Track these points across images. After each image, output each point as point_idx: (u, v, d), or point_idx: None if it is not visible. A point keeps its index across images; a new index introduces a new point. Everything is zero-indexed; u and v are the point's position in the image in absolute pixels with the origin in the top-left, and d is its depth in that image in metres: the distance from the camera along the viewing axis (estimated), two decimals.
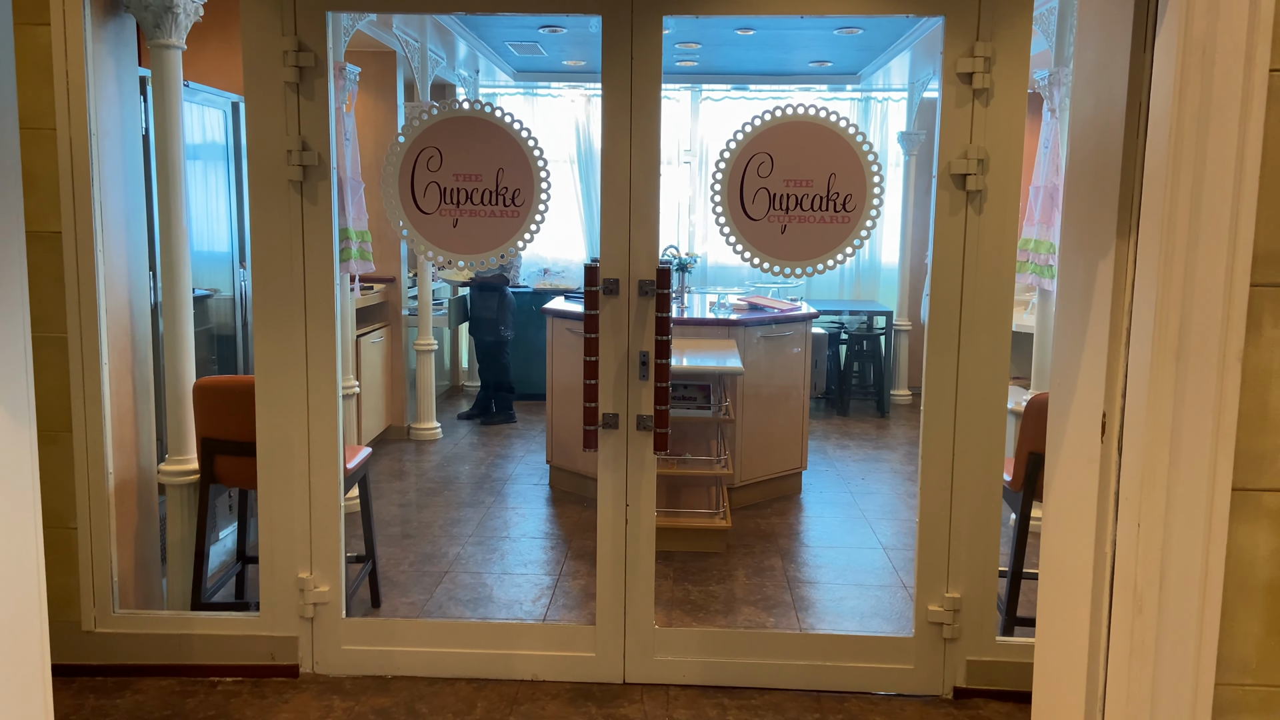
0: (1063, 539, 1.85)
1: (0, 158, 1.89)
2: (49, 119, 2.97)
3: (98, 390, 3.06)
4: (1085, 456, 1.74)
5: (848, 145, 2.99)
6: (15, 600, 1.92)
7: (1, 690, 1.87)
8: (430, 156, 3.08)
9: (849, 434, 6.77)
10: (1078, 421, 1.78)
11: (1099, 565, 1.71)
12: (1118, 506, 1.65)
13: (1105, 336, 1.68)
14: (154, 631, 3.16)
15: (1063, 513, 1.85)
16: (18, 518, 1.94)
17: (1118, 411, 1.66)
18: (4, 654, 1.88)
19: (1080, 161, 1.82)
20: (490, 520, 4.81)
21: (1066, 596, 1.82)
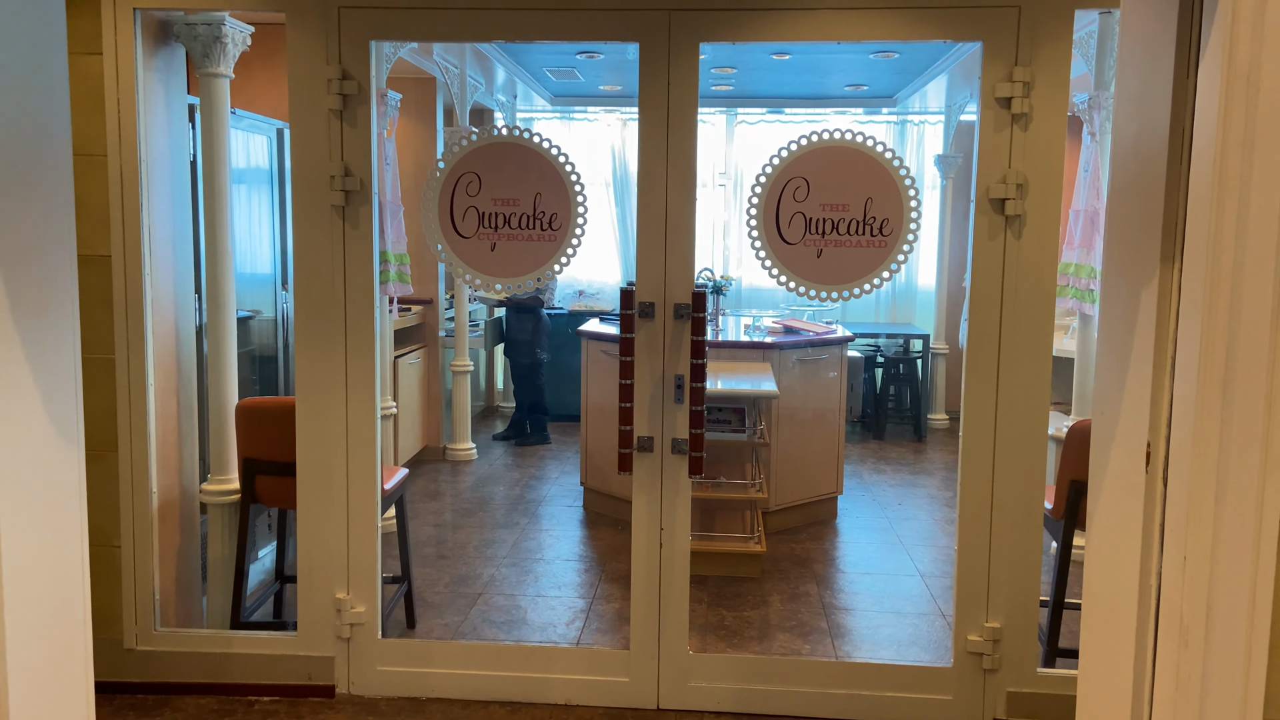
0: (1106, 570, 1.82)
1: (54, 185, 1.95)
2: (100, 146, 3.05)
3: (143, 410, 3.12)
4: (1129, 486, 1.72)
5: (884, 169, 2.98)
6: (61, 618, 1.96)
7: (46, 707, 1.90)
8: (469, 181, 3.11)
9: (885, 458, 6.71)
10: (1121, 451, 1.76)
11: (1144, 597, 1.67)
12: (1163, 538, 1.62)
13: (1149, 364, 1.66)
14: (194, 650, 3.20)
15: (1106, 544, 1.82)
16: (65, 536, 1.98)
17: (1162, 441, 1.64)
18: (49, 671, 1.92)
19: (1123, 188, 1.80)
20: (524, 542, 4.82)
21: (1110, 629, 1.79)
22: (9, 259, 1.80)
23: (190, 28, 3.29)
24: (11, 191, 1.81)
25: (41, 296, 1.90)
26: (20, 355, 1.83)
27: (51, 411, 1.91)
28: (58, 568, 1.96)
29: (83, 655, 2.02)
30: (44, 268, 1.92)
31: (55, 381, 1.93)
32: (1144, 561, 1.67)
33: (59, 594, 1.95)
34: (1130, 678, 1.70)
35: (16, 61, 1.82)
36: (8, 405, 1.79)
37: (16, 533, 1.80)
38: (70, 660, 1.98)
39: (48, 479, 1.91)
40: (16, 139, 1.82)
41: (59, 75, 1.96)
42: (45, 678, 1.90)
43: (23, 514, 1.82)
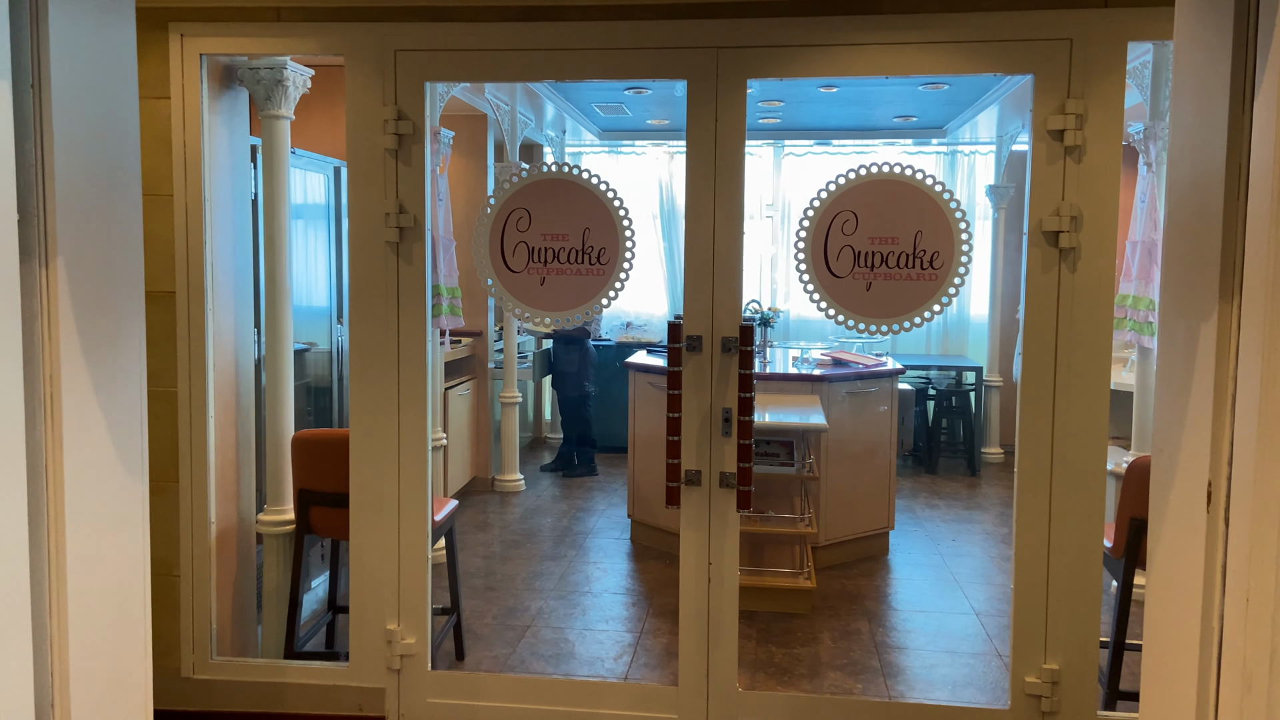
0: (1167, 612, 1.77)
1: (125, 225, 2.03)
2: (167, 186, 3.16)
3: (204, 442, 3.20)
4: (1190, 527, 1.68)
5: (934, 202, 2.97)
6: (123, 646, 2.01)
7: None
8: (519, 217, 3.17)
9: (938, 493, 6.60)
10: (1181, 490, 1.72)
11: (1206, 640, 1.63)
12: (1225, 580, 1.58)
13: (1209, 403, 1.63)
14: (248, 679, 3.24)
15: (1167, 585, 1.78)
16: (128, 566, 2.03)
17: (1223, 481, 1.60)
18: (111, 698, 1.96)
19: (1179, 223, 1.78)
20: (572, 574, 4.82)
21: (1172, 672, 1.74)
22: (82, 296, 1.87)
23: (253, 72, 3.40)
24: (85, 231, 1.88)
25: (111, 332, 1.97)
26: (90, 389, 1.89)
27: (118, 444, 1.97)
28: (121, 597, 2.01)
29: (143, 683, 2.06)
30: (114, 304, 1.99)
31: (122, 415, 2.00)
32: (1205, 604, 1.63)
33: (121, 623, 2.00)
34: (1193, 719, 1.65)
35: (92, 107, 1.90)
36: (77, 438, 1.85)
37: (82, 562, 1.86)
38: (131, 688, 2.02)
39: (113, 510, 1.97)
40: (91, 181, 1.90)
41: (130, 119, 2.04)
42: (107, 705, 1.94)
43: (88, 544, 1.88)
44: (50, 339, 1.82)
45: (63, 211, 1.82)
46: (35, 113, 1.77)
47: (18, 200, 1.72)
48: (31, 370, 1.79)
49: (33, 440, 1.79)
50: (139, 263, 2.09)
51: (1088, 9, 2.82)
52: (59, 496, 1.82)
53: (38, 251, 1.79)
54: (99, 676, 1.91)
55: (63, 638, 1.82)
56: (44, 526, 1.81)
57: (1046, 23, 2.84)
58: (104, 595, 1.94)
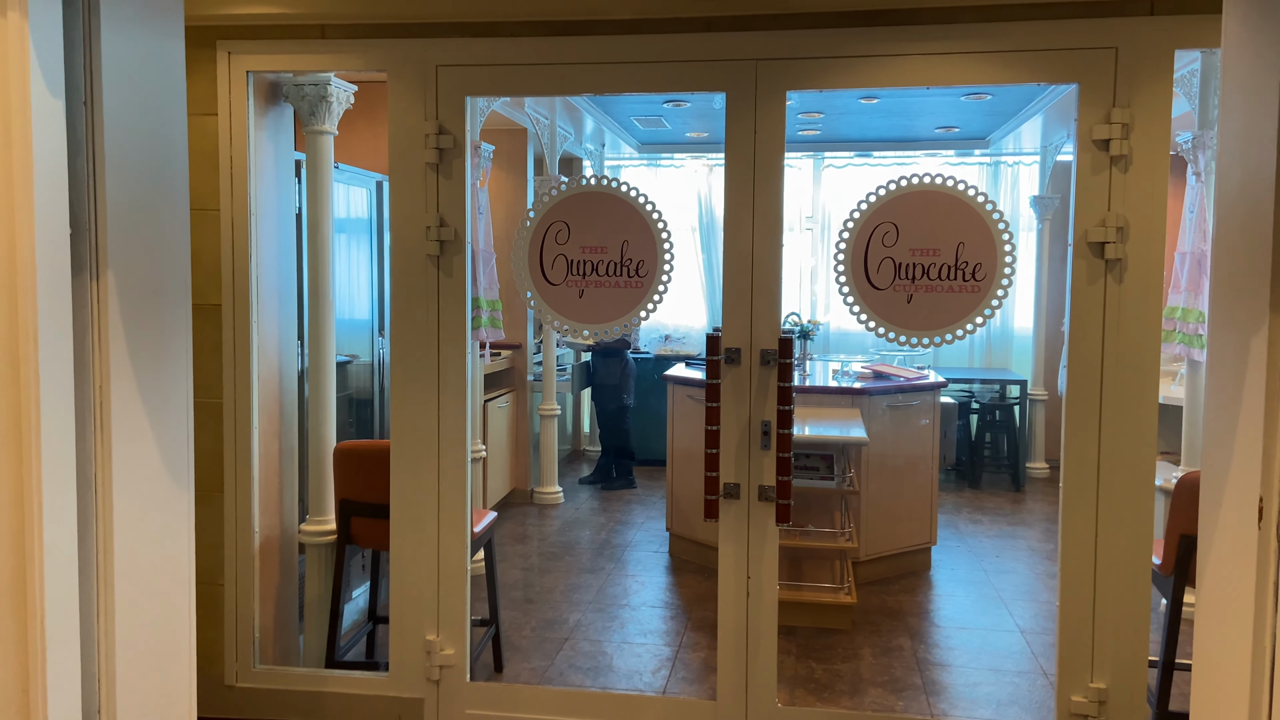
0: (1218, 630, 1.73)
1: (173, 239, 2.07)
2: (214, 201, 3.22)
3: (248, 453, 3.25)
4: (1241, 543, 1.64)
5: (976, 214, 2.94)
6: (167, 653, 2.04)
7: None
8: (559, 230, 3.18)
9: (981, 508, 6.51)
10: (1232, 506, 1.68)
11: (1258, 660, 1.58)
12: (1278, 598, 1.53)
13: (1260, 416, 1.58)
14: (290, 688, 3.28)
15: (1218, 603, 1.73)
16: (174, 575, 2.07)
17: (1276, 496, 1.56)
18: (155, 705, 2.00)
19: (1228, 233, 1.74)
20: (610, 587, 4.81)
21: (1223, 692, 1.69)
22: (131, 308, 1.91)
23: (298, 88, 3.47)
24: (135, 244, 1.93)
25: (159, 344, 2.02)
26: (138, 399, 1.93)
27: (165, 454, 2.01)
28: (166, 604, 2.04)
29: (187, 689, 2.09)
30: (161, 316, 2.03)
31: (169, 425, 2.04)
32: (1258, 622, 1.59)
33: (167, 629, 2.03)
34: None
35: (142, 123, 1.95)
36: (125, 448, 1.89)
37: (129, 570, 1.89)
38: (176, 694, 2.05)
39: (159, 518, 2.01)
40: (141, 196, 1.94)
41: (179, 136, 2.09)
42: (152, 710, 1.97)
43: (135, 552, 1.92)
44: (100, 350, 1.86)
45: (113, 226, 1.86)
46: (87, 130, 1.82)
47: (70, 215, 1.77)
48: (82, 381, 1.83)
49: (83, 449, 1.83)
50: (186, 276, 2.13)
51: (1133, 17, 2.78)
52: (107, 505, 1.85)
53: (89, 264, 1.84)
54: (145, 681, 1.94)
55: (110, 643, 1.85)
56: (93, 534, 1.85)
57: (1091, 31, 2.80)
58: (150, 602, 1.97)
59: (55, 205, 1.71)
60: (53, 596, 1.70)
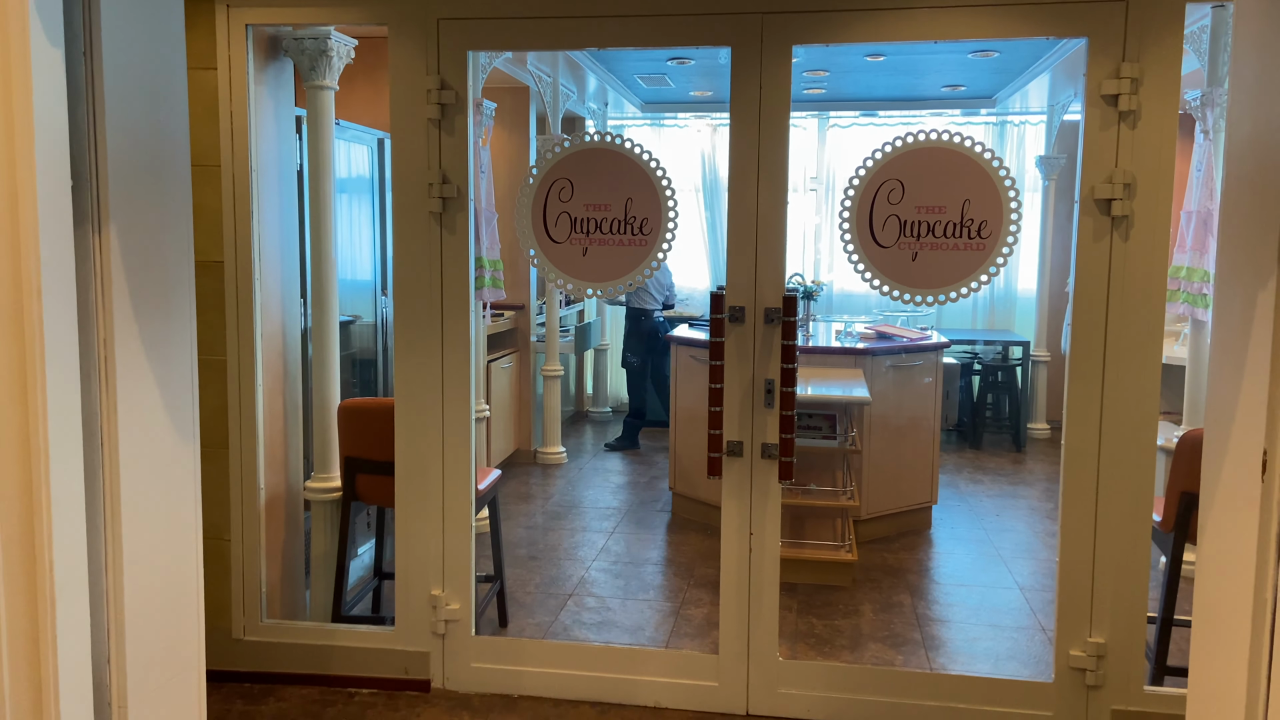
0: (1218, 583, 1.74)
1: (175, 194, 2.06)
2: (214, 157, 3.20)
3: (252, 410, 3.26)
4: (1244, 496, 1.64)
5: (983, 170, 2.92)
6: (176, 605, 2.06)
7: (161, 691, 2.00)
8: (562, 187, 3.16)
9: (982, 469, 6.53)
10: (1235, 459, 1.68)
11: (1259, 611, 1.60)
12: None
13: (1266, 369, 1.58)
14: (297, 641, 3.32)
15: (1218, 555, 1.75)
16: (182, 528, 2.08)
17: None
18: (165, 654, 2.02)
19: (1238, 185, 1.72)
20: (613, 545, 4.85)
21: (1223, 644, 1.71)
22: (134, 262, 1.91)
23: (298, 42, 3.43)
24: (137, 197, 1.92)
25: (162, 299, 2.01)
26: (142, 353, 1.93)
27: (170, 407, 2.02)
28: (174, 555, 2.06)
29: (195, 639, 2.11)
30: (165, 270, 2.02)
31: (174, 379, 2.04)
32: (1259, 574, 1.60)
33: (175, 580, 2.05)
34: (1244, 695, 1.62)
35: (142, 75, 1.93)
36: (130, 401, 1.90)
37: (136, 521, 1.91)
38: (185, 644, 2.08)
39: (166, 471, 2.02)
40: (142, 148, 1.92)
41: (179, 88, 2.07)
42: (161, 660, 2.00)
43: (142, 504, 1.93)
44: (104, 304, 1.86)
45: (114, 177, 1.85)
46: (87, 80, 1.80)
47: (71, 166, 1.75)
48: (86, 334, 1.83)
49: (88, 402, 1.84)
50: (189, 230, 2.12)
51: None
52: (114, 457, 1.86)
53: (91, 217, 1.83)
54: (154, 632, 1.97)
55: (118, 594, 1.87)
56: (100, 486, 1.86)
57: None
58: (158, 553, 1.99)
59: (56, 156, 1.69)
60: (61, 547, 1.71)
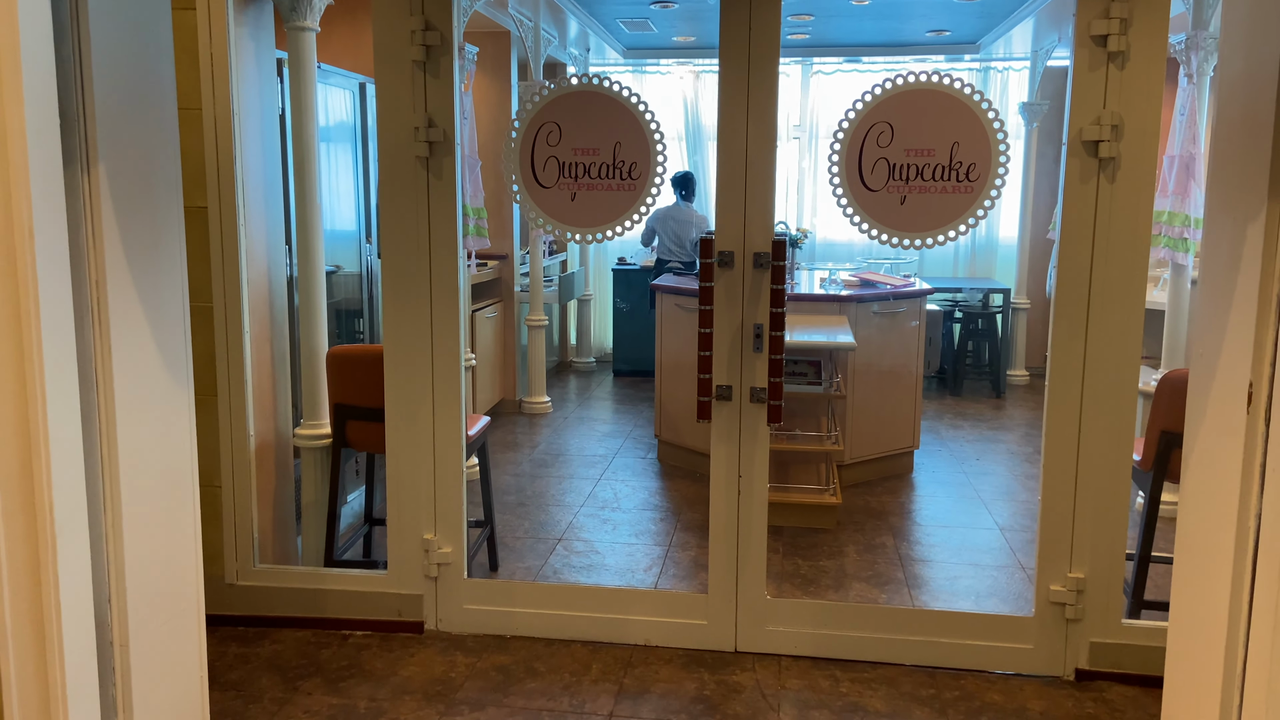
0: (1201, 515, 1.79)
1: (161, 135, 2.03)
2: (195, 100, 3.15)
3: (240, 357, 3.25)
4: (1228, 429, 1.68)
5: (972, 112, 2.92)
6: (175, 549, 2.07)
7: (163, 629, 2.03)
8: (550, 131, 3.14)
9: (963, 414, 6.62)
10: (1221, 393, 1.72)
11: (1241, 542, 1.65)
12: (1264, 481, 1.59)
13: (1254, 303, 1.61)
14: (290, 585, 3.35)
15: (1202, 488, 1.79)
16: (178, 472, 2.09)
17: (1265, 382, 1.59)
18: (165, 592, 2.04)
19: (1228, 122, 1.74)
20: (600, 492, 4.90)
21: (1205, 574, 1.76)
22: (123, 202, 1.89)
23: None
24: (124, 137, 1.89)
25: (153, 239, 2.00)
26: (134, 294, 1.92)
27: (163, 348, 2.01)
28: (172, 499, 2.07)
29: (194, 579, 2.13)
30: (154, 211, 2.00)
31: (166, 320, 2.03)
32: (1242, 505, 1.64)
33: (173, 520, 2.06)
34: (1225, 625, 1.67)
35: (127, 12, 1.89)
36: (124, 342, 1.89)
37: (133, 462, 1.91)
38: (184, 582, 2.10)
39: (161, 412, 2.02)
40: (128, 87, 1.89)
41: (163, 26, 2.03)
42: (161, 598, 2.01)
43: (138, 445, 1.93)
44: (95, 245, 1.84)
45: (102, 117, 1.82)
46: (72, 16, 1.76)
47: (59, 104, 1.72)
48: (79, 274, 1.81)
49: (82, 344, 1.83)
50: (176, 170, 2.10)
51: None
52: (109, 399, 1.86)
53: (79, 156, 1.80)
54: (153, 571, 1.98)
55: (118, 533, 1.88)
56: (96, 428, 1.86)
57: None
58: (155, 494, 2.00)
59: (44, 94, 1.66)
60: (60, 486, 1.72)
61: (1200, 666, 1.77)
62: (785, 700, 2.90)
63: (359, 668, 3.07)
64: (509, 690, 2.94)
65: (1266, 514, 1.57)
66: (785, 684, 2.99)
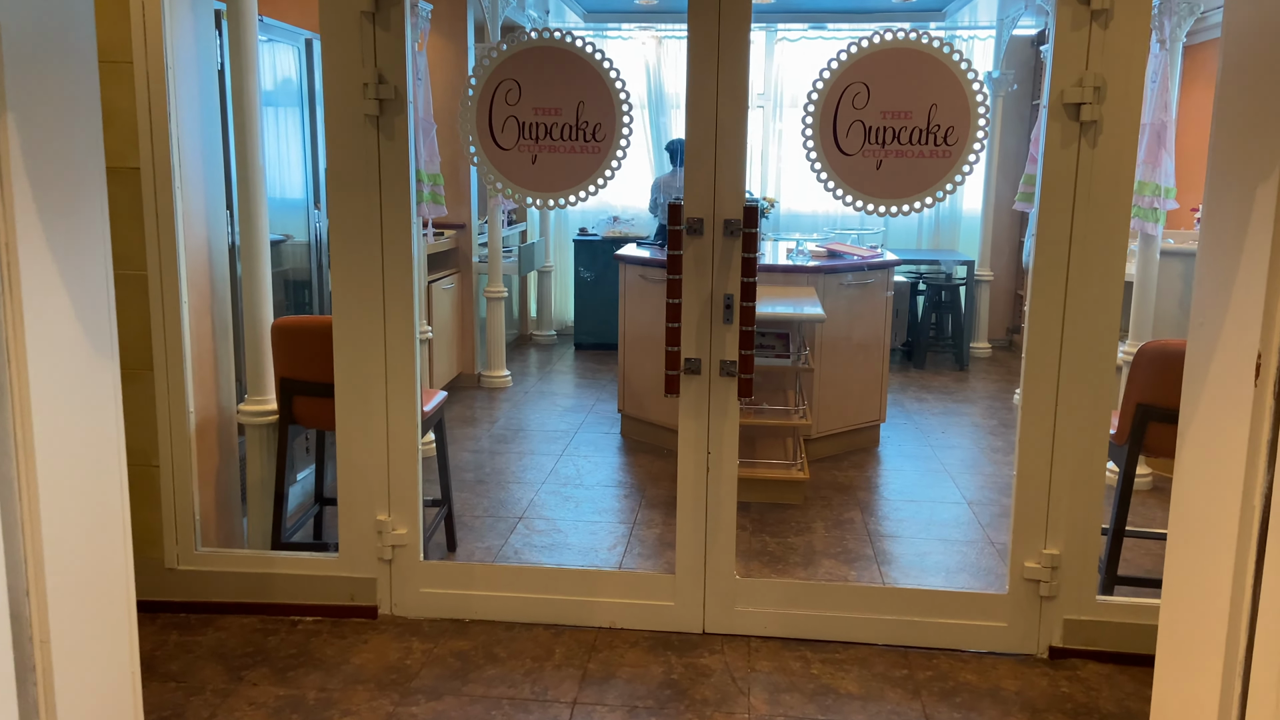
0: (1201, 490, 1.70)
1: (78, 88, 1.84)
2: (125, 52, 2.93)
3: (178, 328, 3.05)
4: (1233, 401, 1.59)
5: (951, 73, 2.80)
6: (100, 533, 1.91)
7: (88, 624, 1.86)
8: (509, 89, 2.97)
9: (927, 387, 6.57)
10: (1225, 363, 1.62)
11: (1245, 519, 1.56)
12: (1273, 455, 1.50)
13: (1264, 270, 1.51)
14: (235, 570, 3.18)
15: (1202, 463, 1.70)
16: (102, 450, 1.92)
17: (1275, 353, 1.50)
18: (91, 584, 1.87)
19: (1234, 75, 1.63)
20: (562, 468, 4.76)
21: (1204, 553, 1.68)
22: (37, 158, 1.70)
23: None
24: (37, 86, 1.70)
25: (70, 199, 1.81)
26: (50, 259, 1.74)
27: (83, 319, 1.83)
28: (96, 481, 1.89)
29: (124, 567, 1.97)
30: (72, 169, 1.82)
31: (87, 288, 1.85)
32: (1248, 481, 1.55)
33: (97, 509, 1.89)
34: (1227, 606, 1.59)
35: None
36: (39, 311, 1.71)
37: (51, 444, 1.74)
38: (112, 572, 1.93)
39: (82, 389, 1.84)
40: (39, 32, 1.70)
41: None
42: (86, 590, 1.85)
43: (56, 425, 1.75)
44: (4, 203, 1.66)
45: (10, 61, 1.63)
46: None
47: None
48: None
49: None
50: (97, 126, 1.90)
51: None
52: (22, 373, 1.68)
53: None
54: (77, 561, 1.81)
55: (34, 521, 1.71)
56: (7, 405, 1.68)
57: None
58: (76, 476, 1.82)
59: None
60: None
61: (1199, 649, 1.68)
62: (755, 684, 2.80)
63: (309, 656, 2.92)
64: (468, 677, 2.81)
65: (1277, 491, 1.48)
66: (755, 666, 2.89)
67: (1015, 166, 7.37)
